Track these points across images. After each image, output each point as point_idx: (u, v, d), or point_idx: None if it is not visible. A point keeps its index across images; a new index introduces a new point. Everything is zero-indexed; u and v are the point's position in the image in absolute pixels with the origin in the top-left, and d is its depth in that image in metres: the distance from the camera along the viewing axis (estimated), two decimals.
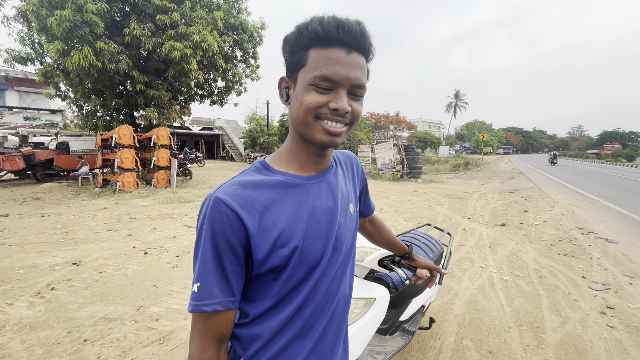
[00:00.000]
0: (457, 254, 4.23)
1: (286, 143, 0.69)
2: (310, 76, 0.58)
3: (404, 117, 38.59)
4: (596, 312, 2.77)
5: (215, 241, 0.57)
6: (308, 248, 0.62)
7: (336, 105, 0.58)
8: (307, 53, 0.59)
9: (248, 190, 0.60)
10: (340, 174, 0.74)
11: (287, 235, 0.60)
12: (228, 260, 0.57)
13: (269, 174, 0.65)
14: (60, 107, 21.01)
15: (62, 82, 11.09)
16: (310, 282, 0.64)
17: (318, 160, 0.68)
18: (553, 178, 15.66)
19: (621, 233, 5.37)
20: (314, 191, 0.66)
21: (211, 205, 0.57)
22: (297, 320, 0.64)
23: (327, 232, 0.65)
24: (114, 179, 9.66)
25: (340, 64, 0.57)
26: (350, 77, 0.58)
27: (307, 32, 0.58)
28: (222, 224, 0.56)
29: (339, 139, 0.61)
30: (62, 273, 3.46)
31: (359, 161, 0.88)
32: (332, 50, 0.58)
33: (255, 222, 0.58)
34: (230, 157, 30.14)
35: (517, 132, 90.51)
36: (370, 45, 0.61)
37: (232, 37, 12.66)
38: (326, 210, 0.66)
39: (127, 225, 5.62)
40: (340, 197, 0.70)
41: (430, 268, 1.11)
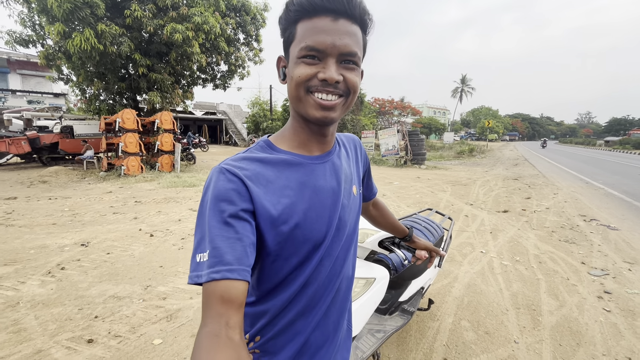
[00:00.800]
0: (458, 239, 4.27)
1: (288, 123, 0.69)
2: (297, 49, 0.57)
3: (409, 103, 38.07)
4: (593, 297, 2.81)
5: (221, 208, 0.54)
6: (310, 227, 0.62)
7: (324, 75, 0.56)
8: (296, 27, 0.58)
9: (253, 165, 0.61)
10: (343, 156, 0.75)
11: (288, 212, 0.60)
12: (238, 225, 0.54)
13: (273, 152, 0.65)
14: (63, 90, 20.93)
15: (64, 65, 11.01)
16: (313, 261, 0.64)
17: (320, 140, 0.67)
18: (557, 165, 15.54)
19: (624, 220, 5.37)
20: (317, 172, 0.66)
21: (216, 175, 0.57)
22: (301, 298, 0.66)
23: (330, 212, 0.65)
24: (119, 163, 9.74)
25: (325, 32, 0.55)
26: (337, 44, 0.56)
27: (292, 5, 0.57)
28: (227, 190, 0.55)
29: (333, 113, 0.59)
30: (72, 254, 3.55)
31: (361, 143, 0.88)
32: (317, 19, 0.56)
33: (259, 193, 0.57)
34: (234, 142, 30.11)
35: (524, 118, 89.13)
36: (362, 12, 0.58)
37: (234, 19, 12.42)
38: (330, 191, 0.66)
39: (133, 209, 5.71)
40: (343, 178, 0.70)
41: (429, 249, 1.13)
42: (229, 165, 0.59)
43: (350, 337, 0.83)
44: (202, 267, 0.51)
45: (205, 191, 0.58)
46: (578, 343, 2.18)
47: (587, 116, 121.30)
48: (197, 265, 0.52)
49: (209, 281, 0.50)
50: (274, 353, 0.67)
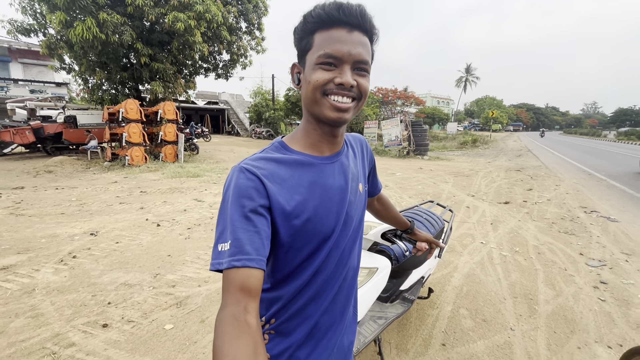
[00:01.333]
0: (459, 230, 4.35)
1: (301, 125, 0.75)
2: (315, 56, 0.64)
3: (413, 92, 37.68)
4: (589, 287, 2.89)
5: (242, 204, 0.60)
6: (320, 222, 0.69)
7: (341, 79, 0.63)
8: (313, 37, 0.65)
9: (269, 164, 0.67)
10: (351, 156, 0.81)
11: (300, 208, 0.66)
12: (257, 220, 0.60)
13: (287, 153, 0.71)
14: (65, 80, 20.89)
15: (66, 54, 10.98)
16: (322, 252, 0.71)
17: (331, 140, 0.73)
18: (560, 155, 15.48)
19: (624, 212, 5.41)
20: (327, 171, 0.72)
21: (237, 174, 0.63)
22: (312, 286, 0.73)
23: (338, 208, 0.72)
24: (123, 153, 9.82)
25: (342, 41, 0.62)
26: (353, 53, 0.63)
27: (311, 17, 0.64)
28: (247, 187, 0.61)
29: (346, 114, 0.66)
30: (82, 242, 3.66)
31: (368, 143, 0.94)
32: (335, 30, 0.63)
33: (275, 190, 0.64)
34: (236, 132, 30.07)
35: (529, 108, 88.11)
36: (372, 26, 0.66)
37: (236, 7, 12.28)
38: (338, 189, 0.73)
39: (139, 199, 5.81)
40: (351, 177, 0.77)
41: (429, 241, 1.20)
42: (248, 164, 0.65)
43: (355, 321, 0.91)
44: (224, 256, 0.57)
45: (227, 188, 0.64)
46: (572, 330, 2.26)
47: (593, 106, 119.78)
48: (218, 254, 0.58)
49: (229, 268, 0.56)
50: (287, 334, 0.74)
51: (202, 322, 2.28)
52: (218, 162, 11.21)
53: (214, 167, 9.83)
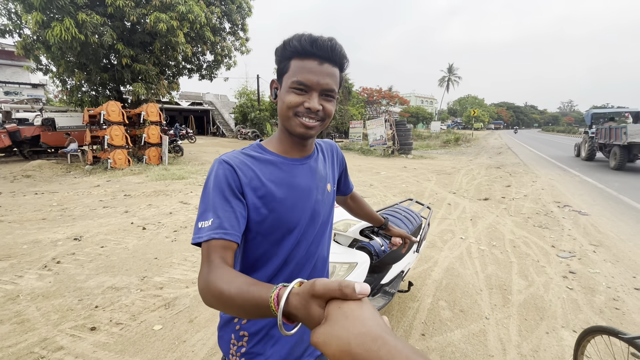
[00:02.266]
0: (440, 227, 4.52)
1: (277, 132, 0.86)
2: (290, 81, 0.74)
3: (397, 92, 38.20)
4: (559, 277, 3.09)
5: (221, 188, 0.71)
6: (286, 215, 0.79)
7: (309, 104, 0.73)
8: (290, 62, 0.75)
9: (244, 159, 0.78)
10: (320, 160, 0.92)
11: (268, 198, 0.77)
12: (234, 202, 0.71)
13: (262, 152, 0.82)
14: (41, 81, 20.19)
15: (43, 55, 10.65)
16: (289, 241, 0.81)
17: (301, 148, 0.85)
18: (532, 150, 16.07)
19: (594, 206, 5.73)
20: (296, 171, 0.83)
21: (217, 165, 0.75)
22: (284, 272, 0.83)
23: (303, 205, 0.82)
24: (105, 156, 9.62)
25: (313, 72, 0.72)
26: (321, 82, 0.73)
27: (289, 47, 0.75)
28: (225, 176, 0.72)
29: (312, 131, 0.78)
30: (65, 248, 3.62)
31: (339, 149, 1.05)
32: (307, 61, 0.73)
33: (246, 180, 0.75)
34: (221, 133, 29.75)
35: (509, 107, 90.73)
36: (341, 57, 0.77)
37: (219, 8, 12.20)
38: (304, 187, 0.83)
39: (123, 202, 5.74)
40: (318, 178, 0.88)
41: (403, 236, 1.31)
42: (227, 157, 0.77)
43: None
44: (204, 231, 0.67)
45: (209, 175, 0.76)
46: (541, 317, 2.43)
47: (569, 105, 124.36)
48: (199, 230, 0.69)
49: (209, 240, 0.66)
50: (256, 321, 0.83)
51: (191, 322, 2.33)
52: (203, 164, 11.13)
53: (199, 169, 9.77)
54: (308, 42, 0.72)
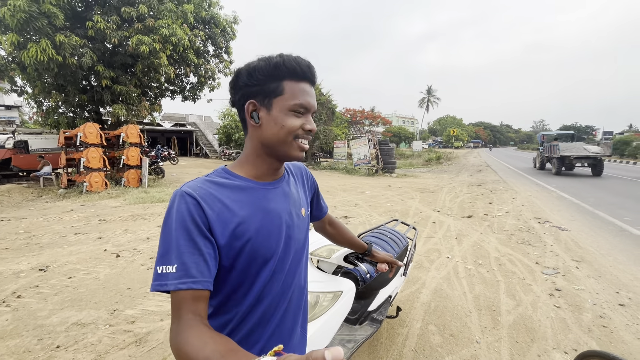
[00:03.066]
0: (426, 246, 4.48)
1: (247, 156, 0.77)
2: (290, 103, 0.70)
3: (379, 113, 39.20)
4: (546, 294, 3.07)
5: (185, 227, 0.63)
6: (261, 244, 0.72)
7: (310, 126, 0.73)
8: (282, 83, 0.71)
9: (210, 189, 0.70)
10: (292, 183, 0.87)
11: (241, 230, 0.69)
12: (202, 243, 0.63)
13: (229, 177, 0.75)
14: (16, 102, 19.57)
15: (18, 76, 10.36)
16: (264, 274, 0.74)
17: (275, 172, 0.80)
18: (508, 166, 16.62)
19: (572, 221, 5.87)
20: (269, 196, 0.77)
21: (178, 198, 0.66)
22: (257, 310, 0.75)
23: (279, 231, 0.75)
24: (80, 179, 9.23)
25: (309, 95, 0.73)
26: (314, 104, 0.74)
27: (285, 67, 0.70)
28: (189, 211, 0.64)
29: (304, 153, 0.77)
30: (29, 280, 3.34)
31: (308, 171, 1.00)
32: (303, 83, 0.72)
33: (214, 214, 0.67)
34: (205, 154, 29.42)
35: (486, 126, 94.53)
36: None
37: (203, 32, 12.32)
38: (280, 212, 0.77)
39: (97, 228, 5.44)
40: (292, 202, 0.82)
41: (389, 261, 1.24)
42: (189, 188, 0.68)
43: (304, 341, 0.92)
44: (167, 278, 0.60)
45: (169, 212, 0.66)
46: (532, 339, 2.37)
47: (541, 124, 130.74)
48: (159, 276, 0.61)
49: (176, 290, 0.60)
50: None
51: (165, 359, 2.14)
52: None
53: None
54: (305, 66, 0.72)
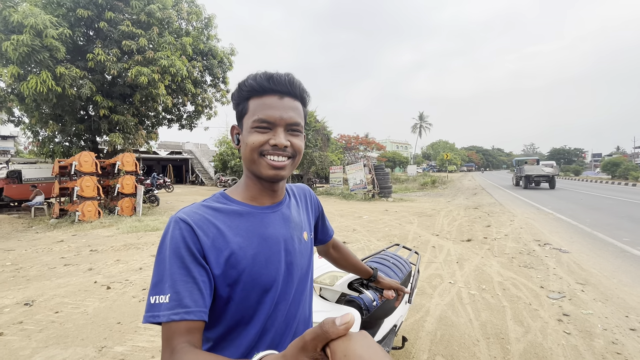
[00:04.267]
0: (427, 271, 4.38)
1: (242, 179, 0.77)
2: (251, 120, 0.69)
3: (373, 138, 39.93)
4: (554, 320, 2.97)
5: (179, 254, 0.60)
6: (259, 272, 0.67)
7: (275, 141, 0.67)
8: (248, 103, 0.70)
9: (205, 214, 0.67)
10: (293, 206, 0.82)
11: (236, 258, 0.65)
12: (196, 271, 0.60)
13: (227, 202, 0.72)
14: (12, 133, 19.64)
15: (16, 107, 10.47)
16: (266, 305, 0.68)
17: (271, 194, 0.75)
18: (513, 194, 16.74)
19: (572, 243, 5.83)
20: (267, 220, 0.73)
21: (172, 225, 0.64)
22: (260, 344, 0.69)
23: (278, 257, 0.71)
24: (73, 208, 9.06)
25: (273, 107, 0.67)
26: (284, 117, 0.68)
27: (245, 86, 0.70)
28: (183, 238, 0.61)
29: (283, 171, 0.69)
30: (12, 315, 3.16)
31: (312, 193, 0.96)
32: (266, 97, 0.68)
33: (208, 241, 0.63)
34: (200, 182, 29.34)
35: (478, 150, 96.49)
36: (301, 91, 0.72)
37: (201, 63, 12.73)
38: (279, 237, 0.72)
39: (88, 259, 5.26)
40: (293, 226, 0.77)
41: (395, 288, 1.19)
42: (184, 214, 0.66)
43: None
44: (160, 309, 0.57)
45: (164, 239, 0.64)
46: None
47: (532, 147, 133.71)
48: (151, 307, 0.58)
49: (168, 322, 0.56)
50: None
51: None
52: None
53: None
54: (264, 79, 0.68)
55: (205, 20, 13.06)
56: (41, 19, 7.95)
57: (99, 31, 9.90)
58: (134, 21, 9.97)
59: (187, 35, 11.94)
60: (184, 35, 11.80)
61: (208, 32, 13.25)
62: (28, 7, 8.05)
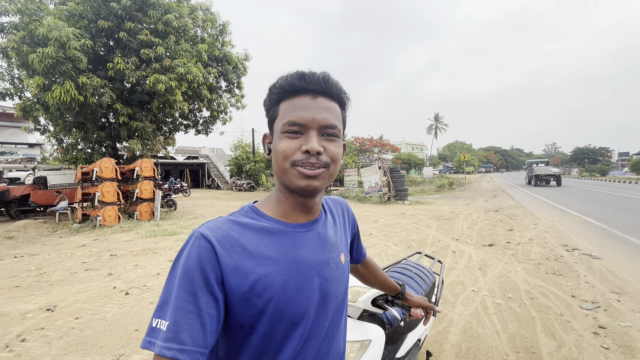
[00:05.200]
0: (448, 278, 4.21)
1: (273, 192, 0.69)
2: (280, 124, 0.61)
3: (388, 140, 39.49)
4: (589, 333, 2.76)
5: (190, 276, 0.53)
6: (289, 301, 0.58)
7: (306, 147, 0.58)
8: (279, 106, 0.63)
9: (231, 230, 0.59)
10: (329, 223, 0.73)
11: (263, 284, 0.57)
12: (204, 300, 0.53)
13: (256, 217, 0.64)
14: (38, 140, 20.51)
15: (41, 116, 10.90)
16: (293, 340, 0.60)
17: (305, 209, 0.66)
18: (535, 195, 16.13)
19: (603, 248, 5.50)
20: (300, 241, 0.64)
21: (192, 241, 0.57)
22: None
23: (311, 286, 0.62)
24: (94, 213, 9.32)
25: (305, 108, 0.60)
26: (317, 118, 0.60)
27: (275, 89, 0.63)
28: (199, 258, 0.54)
29: (316, 182, 0.60)
30: (35, 321, 3.22)
31: (349, 207, 0.87)
32: (298, 98, 0.61)
33: (230, 262, 0.56)
34: (216, 186, 29.77)
35: (496, 151, 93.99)
36: (339, 91, 0.64)
37: (216, 69, 12.93)
38: (313, 262, 0.63)
39: (107, 263, 5.36)
40: (329, 247, 0.68)
41: (424, 306, 1.09)
42: (207, 230, 0.58)
43: None
44: (157, 335, 0.51)
45: (179, 255, 0.57)
46: None
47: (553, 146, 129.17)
48: (151, 331, 0.52)
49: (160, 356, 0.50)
50: None
51: None
52: (197, 218, 10.83)
53: (192, 224, 9.45)
54: (296, 77, 0.60)
55: (220, 27, 13.28)
56: (65, 32, 8.26)
57: (119, 41, 10.20)
58: (152, 30, 10.22)
59: (203, 42, 12.16)
60: (200, 42, 12.02)
61: (223, 39, 13.46)
62: (52, 21, 8.38)
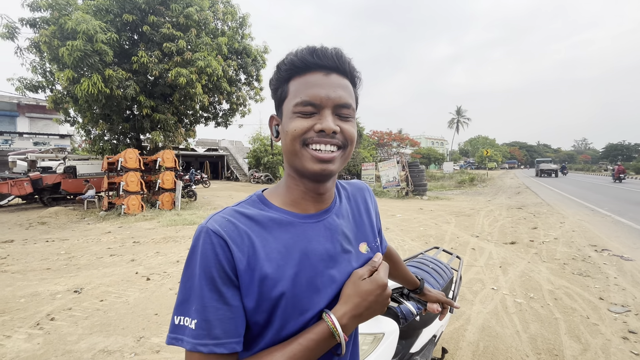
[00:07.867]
0: (467, 275, 4.10)
1: (283, 178, 0.66)
2: (292, 104, 0.57)
3: (407, 134, 38.79)
4: (618, 338, 2.62)
5: (210, 274, 0.52)
6: (300, 295, 0.56)
7: (321, 125, 0.55)
8: (288, 85, 0.59)
9: (239, 223, 0.57)
10: (345, 211, 0.69)
11: (273, 278, 0.55)
12: (229, 294, 0.52)
13: (264, 208, 0.62)
14: (69, 132, 21.51)
15: (71, 108, 11.40)
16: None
17: (316, 197, 0.63)
18: (561, 192, 15.43)
19: (636, 250, 5.19)
20: (310, 233, 0.61)
21: (203, 237, 0.54)
22: None
23: (323, 278, 0.59)
24: (119, 202, 9.71)
25: (319, 85, 0.56)
26: (332, 96, 0.56)
27: (284, 65, 0.59)
28: (215, 255, 0.53)
29: (331, 165, 0.57)
30: (63, 302, 3.40)
31: (371, 190, 0.82)
32: (310, 75, 0.57)
33: (243, 258, 0.54)
34: (235, 177, 30.30)
35: (521, 146, 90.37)
36: (351, 68, 0.60)
37: (236, 62, 13.03)
38: (324, 254, 0.60)
39: (131, 250, 5.58)
40: (343, 238, 0.65)
41: (442, 301, 1.05)
42: (216, 224, 0.56)
43: None
44: (184, 332, 0.51)
45: (193, 251, 0.55)
46: None
47: (584, 142, 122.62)
48: (175, 328, 0.52)
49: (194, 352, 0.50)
50: None
51: None
52: (216, 208, 11.07)
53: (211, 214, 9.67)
54: (307, 53, 0.57)
55: (240, 19, 13.34)
56: (92, 25, 8.54)
57: (143, 34, 10.45)
58: (174, 24, 10.41)
59: (223, 35, 12.26)
60: (220, 35, 12.13)
61: (242, 31, 13.52)
62: (80, 15, 8.68)
